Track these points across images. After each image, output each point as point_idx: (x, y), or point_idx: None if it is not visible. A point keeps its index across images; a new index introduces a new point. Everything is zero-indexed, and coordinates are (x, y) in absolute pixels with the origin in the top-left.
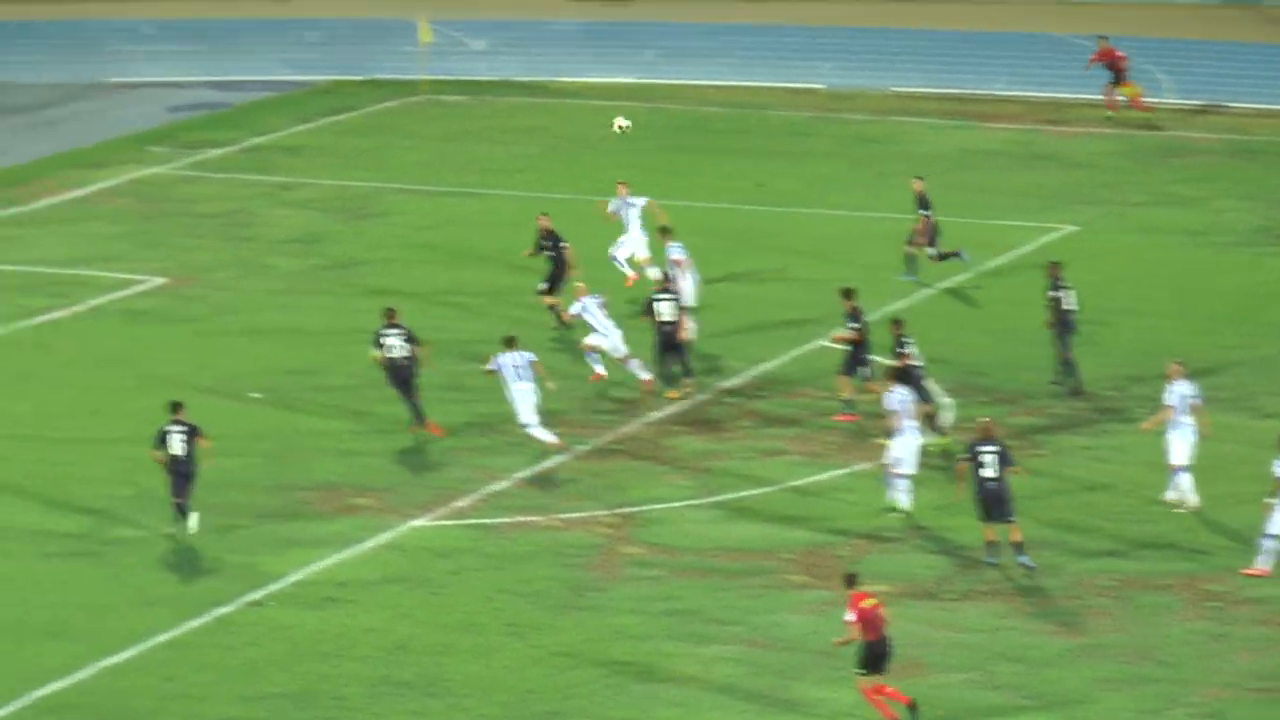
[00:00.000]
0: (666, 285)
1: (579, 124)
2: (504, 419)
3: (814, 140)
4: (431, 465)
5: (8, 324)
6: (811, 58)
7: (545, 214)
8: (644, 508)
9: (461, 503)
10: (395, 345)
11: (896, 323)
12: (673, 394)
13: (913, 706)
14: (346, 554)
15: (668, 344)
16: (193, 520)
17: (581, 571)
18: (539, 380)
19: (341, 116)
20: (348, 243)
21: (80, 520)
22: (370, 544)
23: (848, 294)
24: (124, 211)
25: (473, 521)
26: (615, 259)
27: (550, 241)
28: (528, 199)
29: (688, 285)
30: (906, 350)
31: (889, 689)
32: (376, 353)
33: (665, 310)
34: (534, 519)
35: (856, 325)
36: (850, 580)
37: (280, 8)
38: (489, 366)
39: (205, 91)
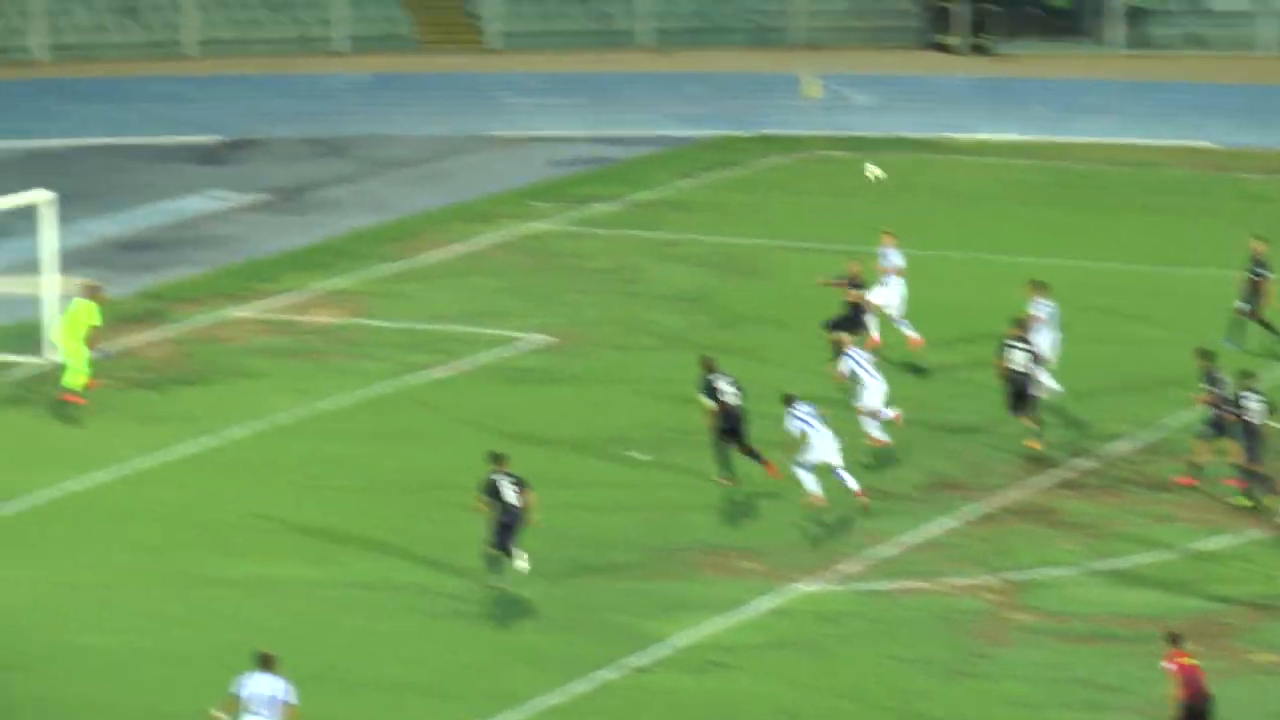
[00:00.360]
0: (1021, 334)
1: (968, 180)
2: (895, 483)
3: (1205, 199)
4: (818, 528)
5: (391, 380)
6: (1203, 114)
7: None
8: (1033, 573)
9: (848, 567)
10: (728, 391)
11: (1204, 354)
12: (1033, 444)
13: None
14: (731, 618)
15: (1019, 394)
16: (522, 562)
17: (970, 638)
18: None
19: (727, 172)
20: (732, 300)
21: (464, 580)
22: (755, 608)
23: (1205, 355)
24: (508, 267)
25: (860, 586)
26: (898, 322)
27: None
28: (916, 256)
29: (1046, 341)
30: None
31: None
32: (710, 403)
33: (1018, 359)
34: (921, 584)
35: (1211, 388)
36: (1173, 639)
37: (665, 61)
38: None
39: (590, 146)
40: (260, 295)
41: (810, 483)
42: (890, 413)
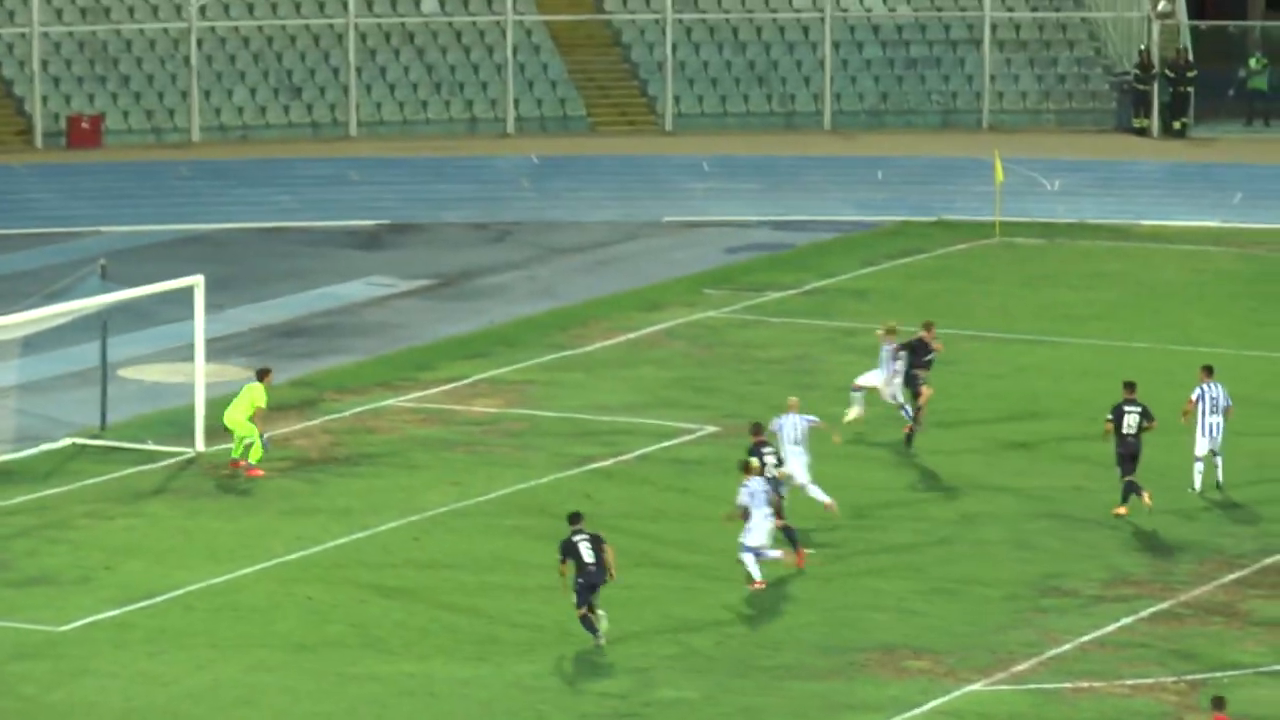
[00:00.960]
0: (1133, 397)
1: (1162, 269)
2: (1073, 579)
3: None
4: (991, 627)
5: (554, 472)
6: None
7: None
8: (1215, 674)
9: (1021, 666)
10: (1131, 423)
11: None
12: (1121, 510)
13: None
14: (900, 719)
15: (1130, 457)
16: (604, 623)
17: None
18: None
19: (909, 259)
20: None
21: (624, 679)
22: (925, 709)
23: None
24: (678, 356)
25: (1032, 686)
26: (902, 405)
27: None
28: (1105, 347)
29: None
30: None
31: None
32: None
33: (1131, 423)
34: (1096, 684)
35: None
36: (1217, 703)
37: (846, 144)
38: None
39: (765, 231)
40: (419, 384)
41: (751, 566)
42: (775, 554)
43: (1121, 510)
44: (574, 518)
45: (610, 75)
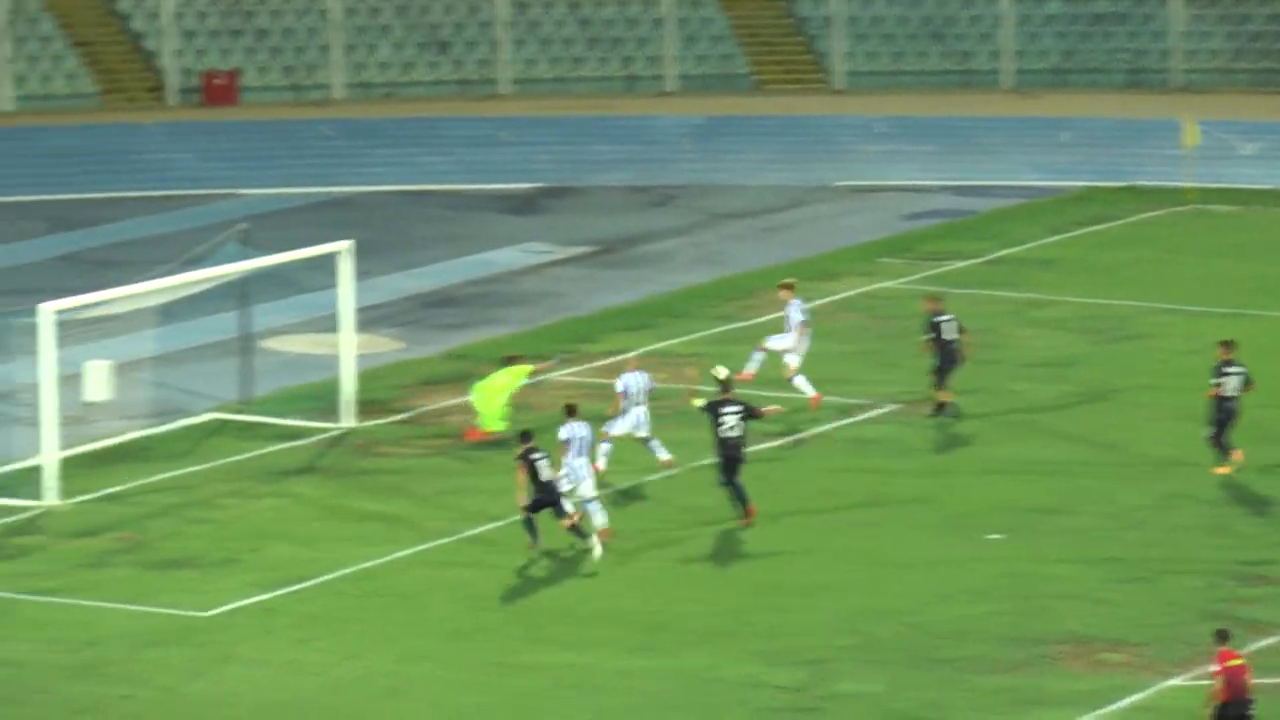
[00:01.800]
0: (1232, 358)
1: None
2: (1274, 565)
3: None
4: (1190, 618)
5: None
6: None
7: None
8: None
9: None
10: (1230, 383)
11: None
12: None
13: None
14: (1094, 715)
15: (1227, 419)
16: (596, 552)
17: None
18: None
19: (1098, 227)
20: (1101, 368)
21: (801, 670)
22: (1120, 705)
23: None
24: (853, 329)
25: None
26: (794, 378)
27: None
28: None
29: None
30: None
31: None
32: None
33: (1231, 385)
34: None
35: None
36: (1222, 636)
37: (1028, 104)
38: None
39: (945, 197)
40: (578, 357)
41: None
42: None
43: (1224, 469)
44: (525, 436)
45: (776, 30)
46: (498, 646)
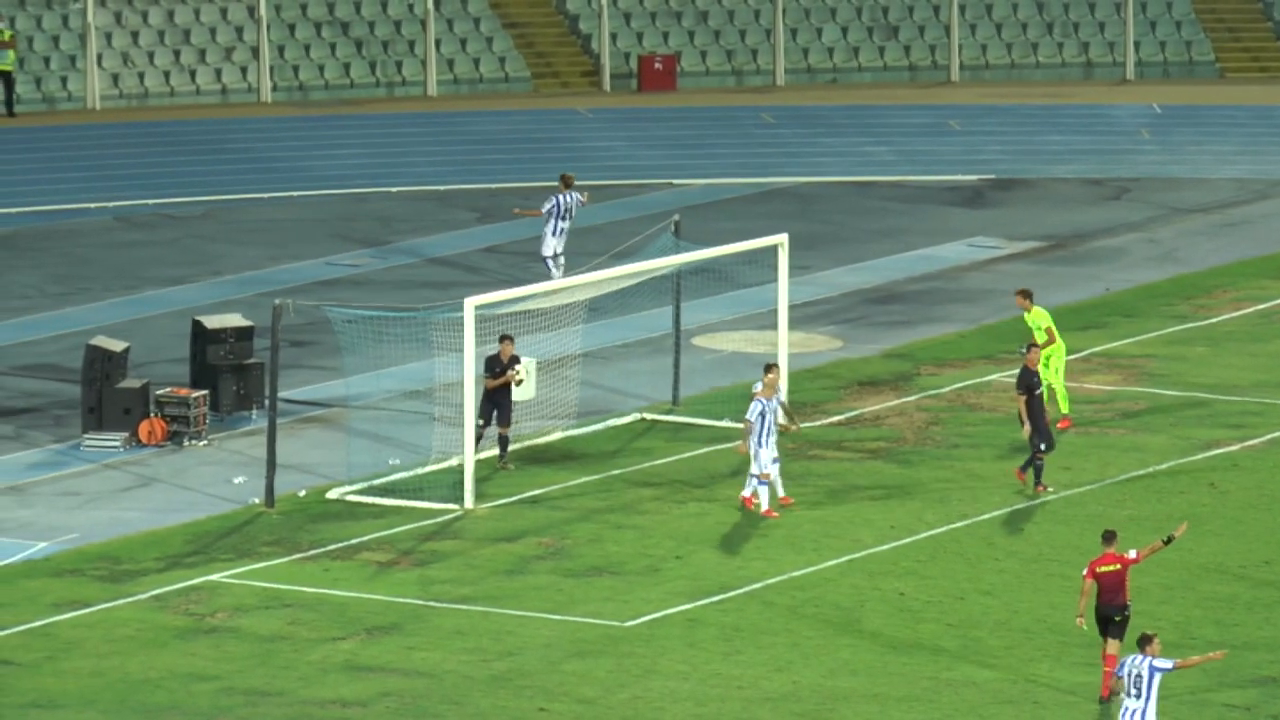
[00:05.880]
0: None
1: None
2: None
3: None
4: None
5: (1174, 458)
6: None
7: None
8: None
9: None
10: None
11: None
12: None
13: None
14: None
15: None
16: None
17: None
18: None
19: None
20: None
21: (1246, 692)
22: None
23: None
24: None
25: None
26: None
27: None
28: None
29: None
30: None
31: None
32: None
33: None
34: None
35: None
36: (1106, 538)
37: None
38: None
39: None
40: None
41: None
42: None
43: None
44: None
45: (1241, 16)
46: (934, 661)
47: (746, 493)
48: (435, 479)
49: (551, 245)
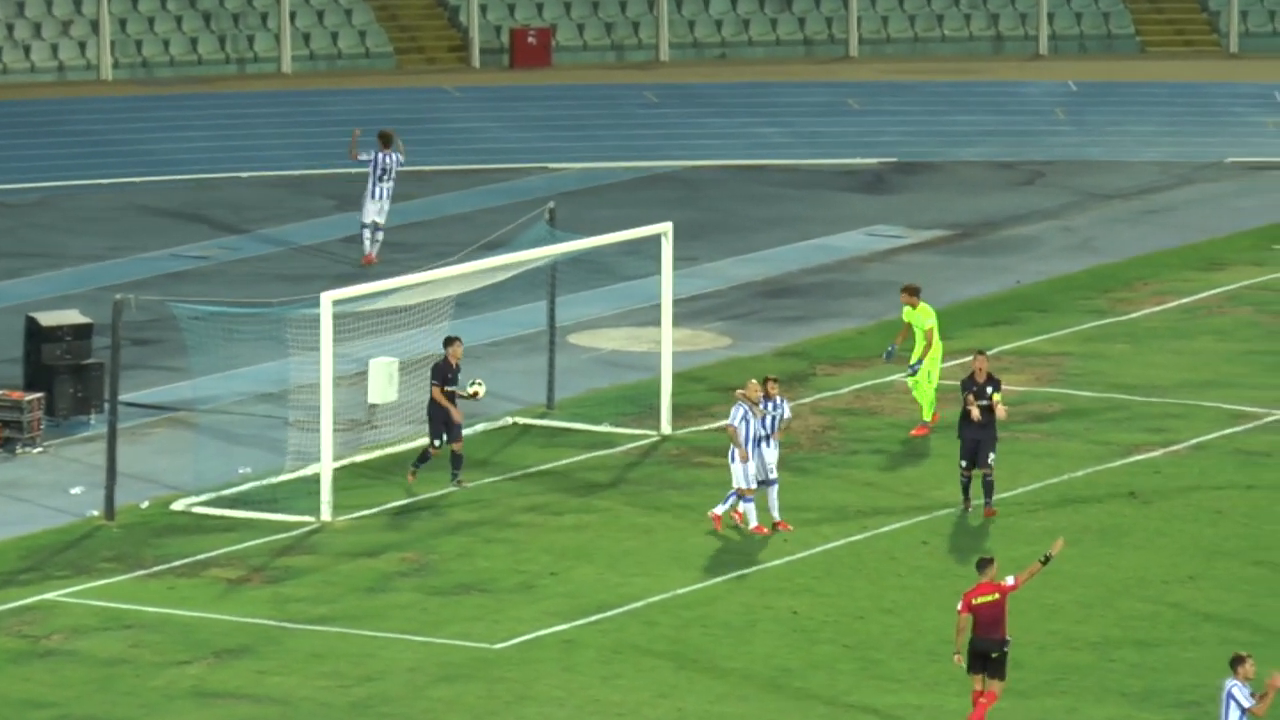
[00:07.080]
0: None
1: None
2: None
3: None
4: None
5: (1091, 464)
6: None
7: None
8: None
9: None
10: None
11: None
12: None
13: None
14: None
15: None
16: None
17: None
18: None
19: None
20: None
21: (1171, 716)
22: None
23: None
24: (1242, 326)
25: None
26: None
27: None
28: None
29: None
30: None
31: (982, 701)
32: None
33: None
34: None
35: None
36: (981, 565)
37: None
38: None
39: None
40: None
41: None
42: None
43: None
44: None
45: None
46: (831, 684)
47: (719, 510)
48: (290, 489)
49: (370, 211)
